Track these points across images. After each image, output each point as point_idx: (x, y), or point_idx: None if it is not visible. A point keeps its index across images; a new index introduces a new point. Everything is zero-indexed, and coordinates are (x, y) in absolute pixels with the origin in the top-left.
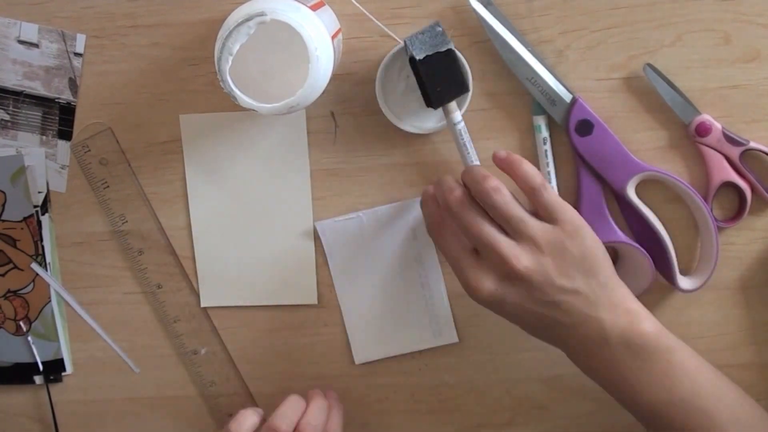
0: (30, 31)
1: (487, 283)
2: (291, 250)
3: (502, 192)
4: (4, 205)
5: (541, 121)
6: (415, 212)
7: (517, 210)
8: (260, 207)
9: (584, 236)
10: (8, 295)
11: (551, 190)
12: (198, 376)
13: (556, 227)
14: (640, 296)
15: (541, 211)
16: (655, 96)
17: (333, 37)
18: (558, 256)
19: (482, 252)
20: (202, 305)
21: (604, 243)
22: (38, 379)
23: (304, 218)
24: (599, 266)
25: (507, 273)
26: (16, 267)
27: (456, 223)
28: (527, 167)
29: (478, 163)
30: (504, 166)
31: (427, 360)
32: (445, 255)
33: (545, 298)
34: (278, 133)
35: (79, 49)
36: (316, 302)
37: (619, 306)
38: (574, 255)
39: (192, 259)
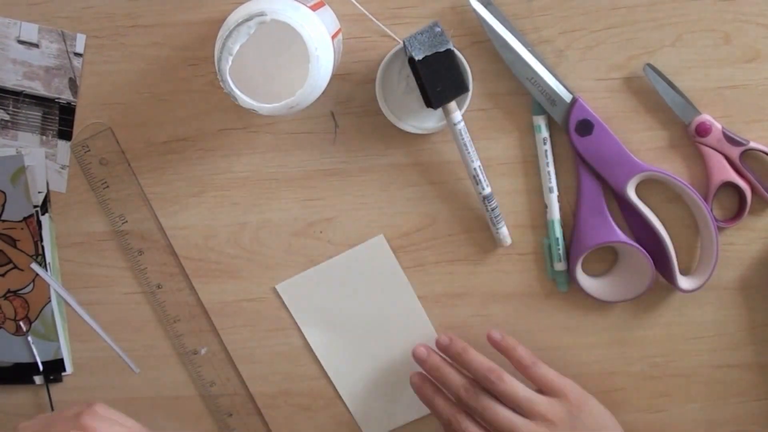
0: (30, 31)
1: None
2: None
3: (505, 379)
4: (4, 205)
5: (541, 121)
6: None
7: (524, 391)
8: (379, 338)
9: (591, 407)
10: (8, 295)
11: (544, 366)
12: (198, 376)
13: (562, 401)
14: (640, 296)
15: (541, 387)
16: (655, 96)
17: (333, 37)
18: (571, 429)
19: None
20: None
21: (604, 243)
22: (38, 379)
23: (424, 327)
24: None
25: None
26: (16, 267)
27: (469, 410)
28: (521, 351)
29: (478, 163)
30: (498, 348)
31: None
32: None
33: None
34: (369, 266)
35: (79, 49)
36: None
37: None
38: (586, 425)
39: (191, 260)
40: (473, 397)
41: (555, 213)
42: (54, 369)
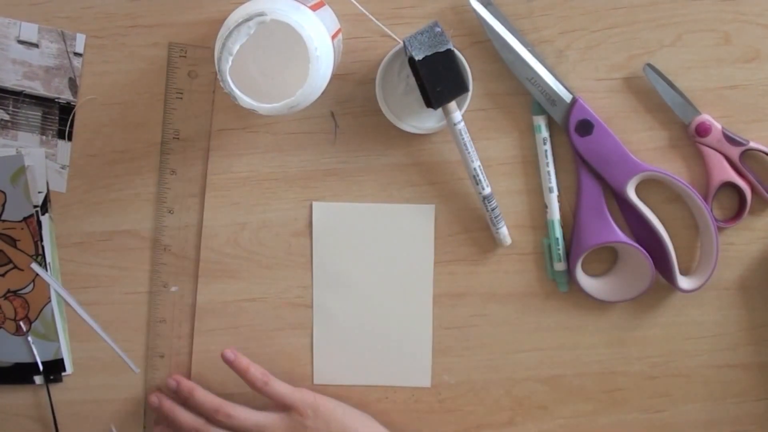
0: (30, 31)
1: None
2: (407, 334)
3: (232, 413)
4: (4, 206)
5: (541, 121)
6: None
7: (251, 418)
8: (381, 292)
9: (326, 412)
10: (8, 295)
11: (276, 383)
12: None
13: (292, 413)
14: (640, 296)
15: (276, 404)
16: (655, 96)
17: (333, 37)
18: None
19: None
20: (315, 382)
21: (604, 243)
22: (38, 379)
23: (423, 306)
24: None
25: None
26: (16, 267)
27: None
28: (253, 371)
29: (478, 163)
30: (232, 368)
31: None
32: None
33: None
34: (406, 226)
35: (79, 49)
36: (429, 385)
37: None
38: (317, 429)
39: (194, 261)
40: None
41: (555, 213)
42: (54, 369)
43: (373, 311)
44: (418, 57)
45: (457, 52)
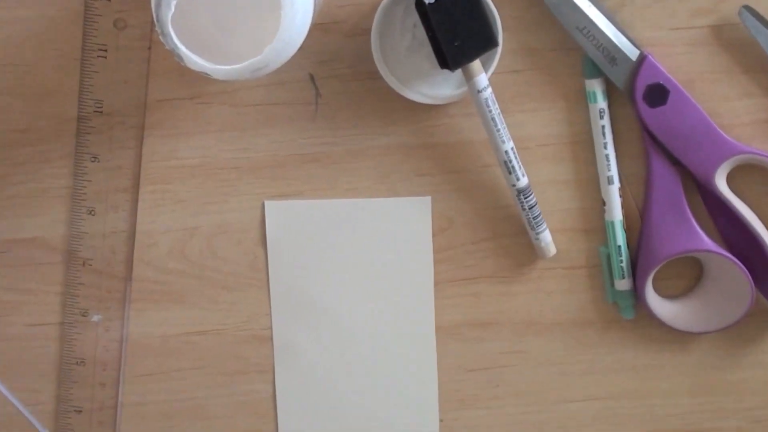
0: None
1: None
2: (403, 378)
3: None
4: None
5: (596, 87)
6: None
7: None
8: (364, 321)
9: None
10: None
11: None
12: None
13: None
14: (735, 325)
15: None
16: (755, 50)
17: None
18: None
19: None
20: None
21: (684, 253)
22: None
23: (425, 338)
24: None
25: None
26: None
27: None
28: None
29: (511, 145)
30: None
31: None
32: None
33: None
34: (394, 226)
35: None
36: None
37: None
38: None
39: (123, 280)
40: None
41: (616, 212)
42: None
43: (354, 347)
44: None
45: None
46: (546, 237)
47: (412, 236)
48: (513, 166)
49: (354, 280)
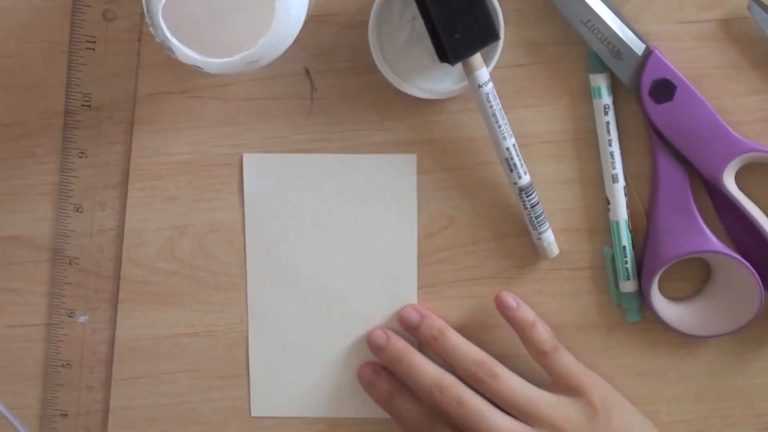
0: None
1: None
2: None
3: (499, 374)
4: None
5: (601, 82)
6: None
7: (526, 391)
8: (344, 284)
9: (623, 413)
10: None
11: (567, 355)
12: None
13: (580, 401)
14: (744, 328)
15: (559, 382)
16: (765, 45)
17: None
18: None
19: None
20: (253, 414)
21: (691, 253)
22: None
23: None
24: None
25: None
26: None
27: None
28: (541, 331)
29: (512, 141)
30: (510, 320)
31: None
32: None
33: None
34: (379, 184)
35: None
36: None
37: None
38: None
39: (112, 280)
40: (453, 400)
41: (621, 211)
42: None
43: (334, 308)
44: None
45: None
46: (548, 237)
47: (396, 194)
48: (515, 164)
49: (335, 237)
